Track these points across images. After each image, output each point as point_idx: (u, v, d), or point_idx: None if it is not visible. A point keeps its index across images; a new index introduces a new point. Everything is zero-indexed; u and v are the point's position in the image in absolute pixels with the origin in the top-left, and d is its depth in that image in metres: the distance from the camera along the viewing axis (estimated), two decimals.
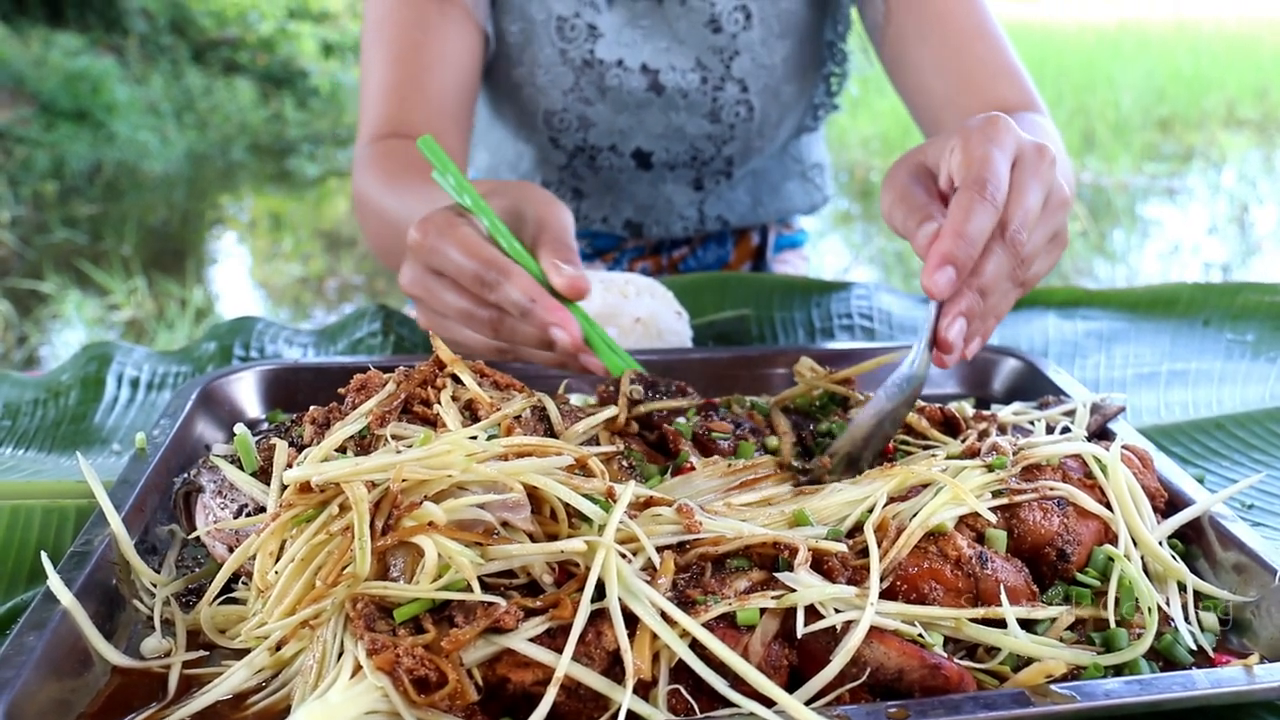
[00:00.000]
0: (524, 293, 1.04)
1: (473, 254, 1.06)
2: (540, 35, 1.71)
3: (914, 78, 1.65)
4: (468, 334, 1.12)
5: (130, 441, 1.27)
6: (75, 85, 10.66)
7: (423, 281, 1.11)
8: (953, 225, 0.93)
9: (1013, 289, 1.01)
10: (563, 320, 1.04)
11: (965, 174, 0.96)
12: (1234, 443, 1.23)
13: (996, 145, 0.97)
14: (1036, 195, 0.98)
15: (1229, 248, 7.19)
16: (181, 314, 5.37)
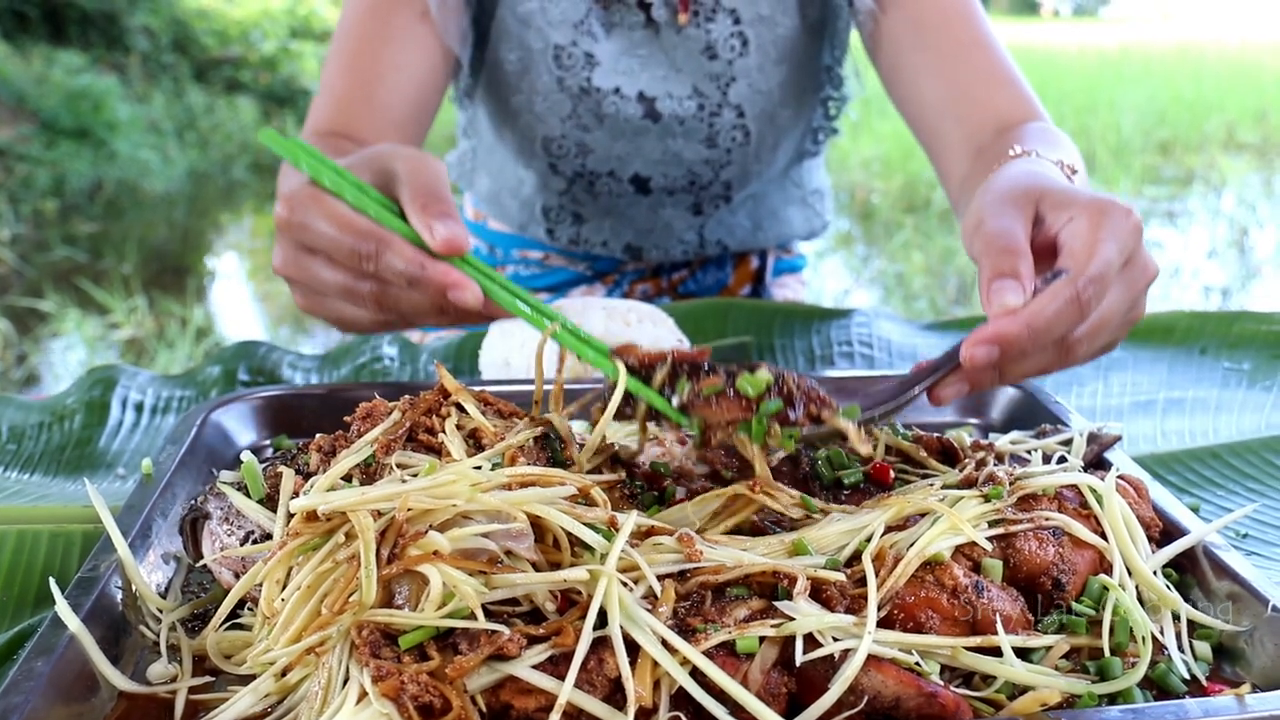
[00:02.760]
0: (408, 261, 0.98)
1: (345, 226, 0.99)
2: (538, 63, 1.73)
3: (911, 88, 1.65)
4: (350, 310, 1.06)
5: (134, 466, 1.29)
6: (77, 103, 10.69)
7: (296, 261, 1.04)
8: (1033, 315, 0.91)
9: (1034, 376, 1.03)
10: (459, 282, 0.97)
11: (1079, 263, 0.94)
12: (1229, 472, 1.24)
13: (1118, 245, 0.95)
14: (1120, 311, 0.98)
15: (1229, 271, 7.21)
16: (182, 333, 5.38)
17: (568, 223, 1.92)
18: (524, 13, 1.71)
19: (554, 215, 1.91)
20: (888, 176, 9.85)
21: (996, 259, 0.95)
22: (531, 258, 2.03)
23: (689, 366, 0.99)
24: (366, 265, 0.99)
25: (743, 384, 0.95)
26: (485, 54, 1.79)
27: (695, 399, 0.97)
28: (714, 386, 0.96)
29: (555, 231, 1.93)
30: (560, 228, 1.93)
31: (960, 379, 0.97)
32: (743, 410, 0.95)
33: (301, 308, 1.10)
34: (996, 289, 0.93)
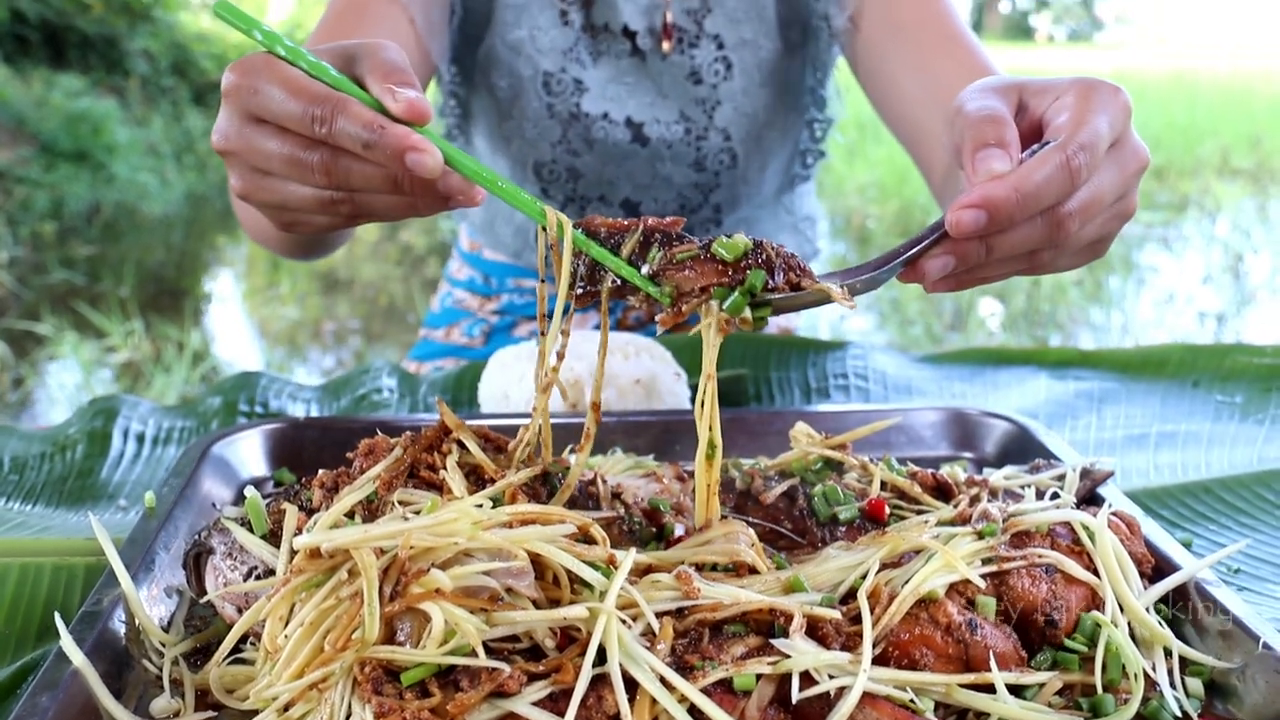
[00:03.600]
0: (365, 123, 0.88)
1: (299, 91, 0.90)
2: (528, 90, 1.75)
3: (891, 88, 1.68)
4: (293, 189, 0.96)
5: (135, 497, 1.29)
6: (76, 126, 10.71)
7: (240, 131, 0.94)
8: (1020, 178, 0.87)
9: (1021, 266, 0.97)
10: (418, 144, 0.88)
11: (1069, 132, 0.90)
12: (1221, 506, 1.25)
13: (1108, 118, 0.92)
14: (1111, 193, 0.94)
15: (1224, 297, 7.24)
16: (179, 357, 5.39)
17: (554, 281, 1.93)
18: (513, 40, 1.74)
19: None
20: (883, 202, 9.89)
21: (979, 129, 0.91)
22: (526, 286, 2.04)
23: (661, 235, 0.94)
24: (319, 128, 0.89)
25: (719, 248, 0.92)
26: (475, 81, 1.82)
27: (668, 265, 0.93)
28: (688, 251, 0.93)
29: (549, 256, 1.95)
30: (546, 269, 1.94)
31: (946, 250, 0.91)
32: (718, 275, 0.92)
33: (238, 192, 1.00)
34: (981, 157, 0.89)
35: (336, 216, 0.98)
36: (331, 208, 0.96)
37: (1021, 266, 0.96)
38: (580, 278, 0.95)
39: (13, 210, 9.23)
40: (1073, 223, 0.91)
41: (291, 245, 1.48)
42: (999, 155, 0.88)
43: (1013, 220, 0.87)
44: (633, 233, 0.94)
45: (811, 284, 0.92)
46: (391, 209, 0.97)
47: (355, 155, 0.91)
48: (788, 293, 0.92)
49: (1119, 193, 0.95)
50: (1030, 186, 0.86)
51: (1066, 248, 0.95)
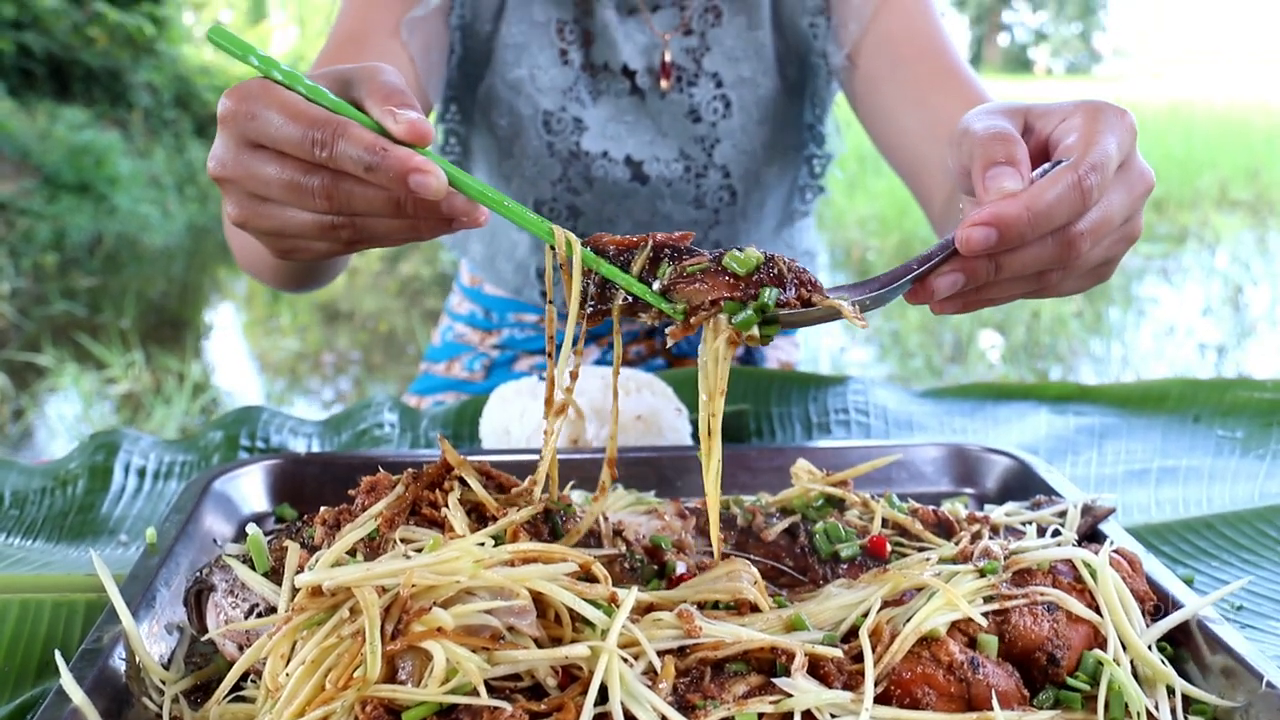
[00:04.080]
0: (367, 146, 0.87)
1: (298, 115, 0.89)
2: (528, 129, 1.76)
3: (890, 121, 1.68)
4: (291, 215, 0.94)
5: (136, 532, 1.29)
6: (79, 158, 10.76)
7: (237, 157, 0.93)
8: (1032, 197, 0.86)
9: (1030, 286, 0.96)
10: (422, 165, 0.87)
11: (1080, 153, 0.89)
12: (1223, 542, 1.25)
13: (1116, 139, 0.91)
14: (1120, 214, 0.94)
15: (1224, 329, 7.24)
16: (179, 389, 5.39)
17: (561, 299, 1.93)
18: (513, 80, 1.75)
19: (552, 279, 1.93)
20: (883, 234, 9.92)
21: (990, 148, 0.90)
22: (527, 320, 2.05)
23: (670, 250, 0.93)
24: (320, 151, 0.88)
25: (730, 261, 0.91)
26: (475, 119, 1.83)
27: (679, 278, 0.91)
28: (699, 264, 0.92)
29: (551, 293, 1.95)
30: (556, 289, 1.94)
31: (955, 268, 0.90)
32: (730, 288, 0.91)
33: (235, 219, 0.97)
34: (993, 174, 0.88)
35: (336, 242, 0.96)
36: (331, 233, 0.94)
37: (1030, 287, 0.96)
38: (590, 296, 0.95)
39: (15, 242, 9.26)
40: (1084, 243, 0.91)
41: (285, 276, 1.46)
42: (1010, 173, 0.88)
43: (1024, 239, 0.87)
44: (642, 249, 0.94)
45: (822, 300, 0.91)
46: (392, 232, 0.95)
47: (357, 179, 0.89)
48: (798, 308, 0.91)
49: (1127, 214, 0.95)
50: (1042, 205, 0.86)
51: (1075, 269, 0.95)
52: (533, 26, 1.74)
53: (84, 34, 12.95)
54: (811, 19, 1.74)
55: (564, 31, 1.75)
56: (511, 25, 1.74)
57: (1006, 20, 53.47)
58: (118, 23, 13.27)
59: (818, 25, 1.74)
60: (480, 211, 0.93)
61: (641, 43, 1.75)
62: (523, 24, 1.74)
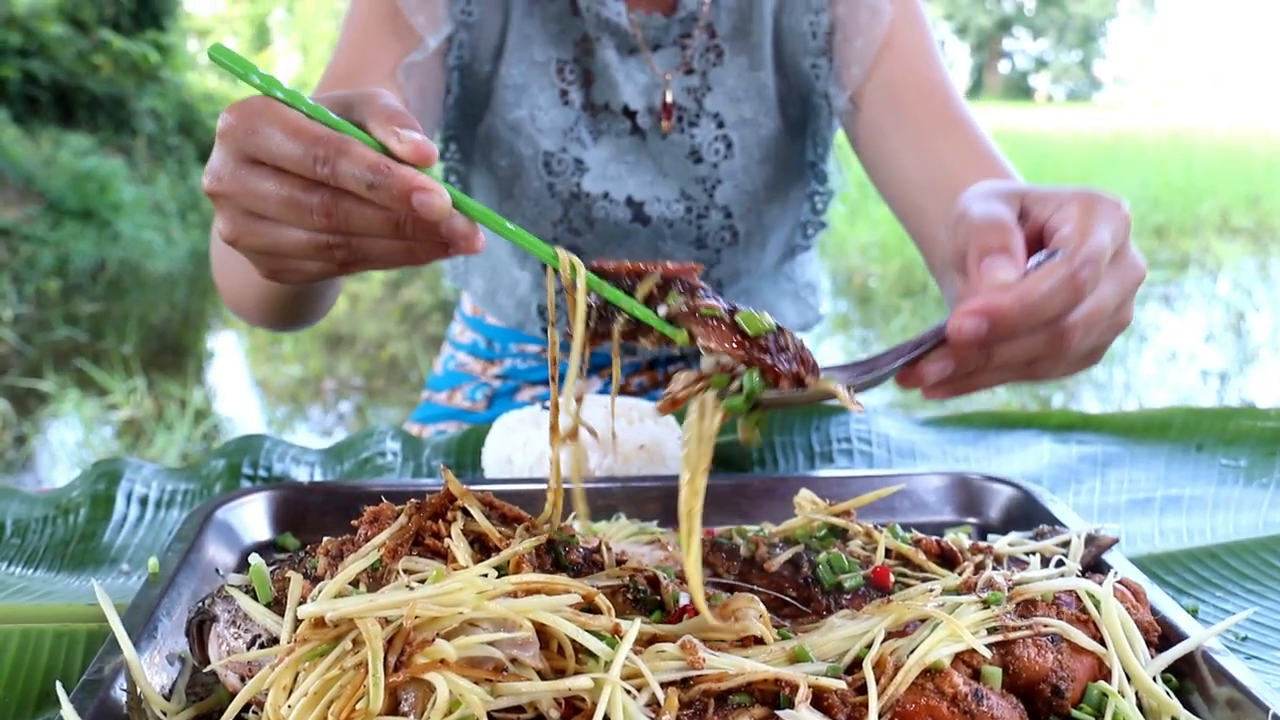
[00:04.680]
0: (369, 164, 0.86)
1: (299, 132, 0.88)
2: (528, 170, 1.76)
3: (892, 169, 1.67)
4: (286, 233, 0.92)
5: (138, 561, 1.29)
6: (83, 184, 10.80)
7: (234, 173, 0.91)
8: (1026, 290, 0.86)
9: (1019, 374, 0.96)
10: (426, 184, 0.86)
11: (1074, 245, 0.89)
12: (1228, 572, 1.25)
13: (1111, 231, 0.91)
14: (1112, 305, 0.94)
15: (1226, 356, 7.25)
16: (181, 415, 5.39)
17: (563, 322, 1.93)
18: (514, 120, 1.75)
19: None
20: (885, 261, 9.94)
21: (986, 235, 0.90)
22: (529, 351, 2.05)
23: (680, 282, 0.92)
24: (321, 168, 0.87)
25: (745, 318, 0.90)
26: (474, 159, 1.83)
27: (689, 313, 0.90)
28: (713, 310, 0.90)
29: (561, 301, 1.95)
30: (558, 326, 1.95)
31: (946, 356, 0.90)
32: (729, 341, 0.89)
33: (226, 236, 0.96)
34: (988, 264, 0.88)
35: (330, 262, 0.94)
36: (326, 252, 0.93)
37: (1020, 375, 0.96)
38: (591, 318, 0.94)
39: (18, 268, 9.29)
40: (1076, 334, 0.91)
41: (270, 310, 1.44)
42: (1005, 263, 0.88)
43: (1015, 331, 0.87)
44: (650, 275, 0.92)
45: (815, 382, 0.90)
46: (388, 254, 0.94)
47: (357, 198, 0.88)
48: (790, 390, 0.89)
49: (1118, 303, 0.95)
50: (1035, 298, 0.86)
51: (1065, 358, 0.95)
52: (532, 67, 1.75)
53: (89, 61, 13.03)
54: (814, 60, 1.74)
55: (564, 71, 1.75)
56: (511, 66, 1.74)
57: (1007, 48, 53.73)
58: (122, 50, 13.35)
59: (820, 66, 1.74)
60: (479, 236, 0.92)
61: (642, 83, 1.75)
62: (522, 64, 1.74)
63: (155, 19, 14.23)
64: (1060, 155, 17.53)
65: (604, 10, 1.70)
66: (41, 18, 12.79)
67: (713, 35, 1.76)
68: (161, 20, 14.34)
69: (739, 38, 1.76)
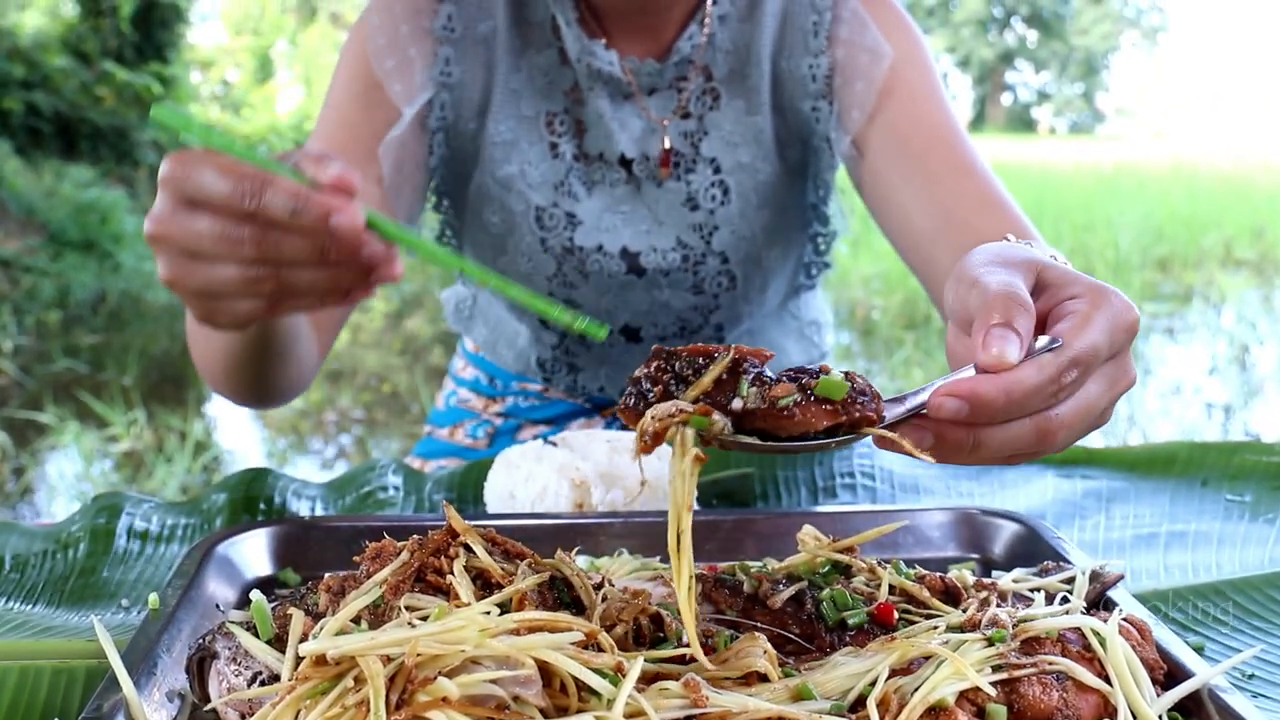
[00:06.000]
0: (290, 193, 0.93)
1: (229, 171, 0.94)
2: (520, 225, 1.74)
3: (900, 220, 1.64)
4: (218, 271, 0.97)
5: (137, 596, 1.29)
6: (84, 216, 10.84)
7: (173, 215, 0.98)
8: (1011, 382, 0.86)
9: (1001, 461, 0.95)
10: (341, 205, 0.92)
11: (1068, 343, 0.89)
12: (1233, 609, 1.24)
13: (1109, 336, 0.92)
14: (1099, 406, 0.94)
15: (1231, 389, 7.24)
16: (181, 447, 5.39)
17: (563, 372, 1.93)
18: (504, 177, 1.72)
19: (549, 366, 1.93)
20: (888, 293, 9.95)
21: (1001, 307, 0.89)
22: (531, 390, 2.05)
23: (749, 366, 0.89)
24: (248, 201, 0.93)
25: (823, 388, 0.87)
26: (466, 217, 1.82)
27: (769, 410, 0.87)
28: (789, 393, 0.87)
29: (552, 380, 1.96)
30: (556, 377, 1.95)
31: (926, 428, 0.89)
32: (831, 416, 0.87)
33: (166, 278, 1.02)
34: (996, 336, 0.88)
35: (259, 298, 0.99)
36: (256, 286, 0.98)
37: (997, 463, 0.95)
38: None
39: (19, 299, 9.31)
40: (1061, 434, 0.91)
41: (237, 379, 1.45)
42: (1013, 341, 0.87)
43: (994, 420, 0.88)
44: (721, 358, 0.89)
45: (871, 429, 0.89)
46: (315, 284, 0.98)
47: (284, 227, 0.94)
48: None
49: (1104, 406, 0.96)
50: (1019, 393, 0.86)
51: (1045, 453, 0.95)
52: (521, 121, 1.72)
53: (92, 93, 13.10)
54: (814, 103, 1.71)
55: (554, 124, 1.73)
56: (500, 122, 1.72)
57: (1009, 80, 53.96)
58: (125, 82, 13.43)
59: (820, 109, 1.71)
60: (397, 263, 0.98)
61: (638, 129, 1.73)
62: (510, 120, 1.72)
63: (159, 51, 14.33)
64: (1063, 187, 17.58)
65: (595, 60, 1.67)
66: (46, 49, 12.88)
67: (709, 78, 1.73)
68: (165, 52, 14.44)
69: (736, 81, 1.73)
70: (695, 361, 0.89)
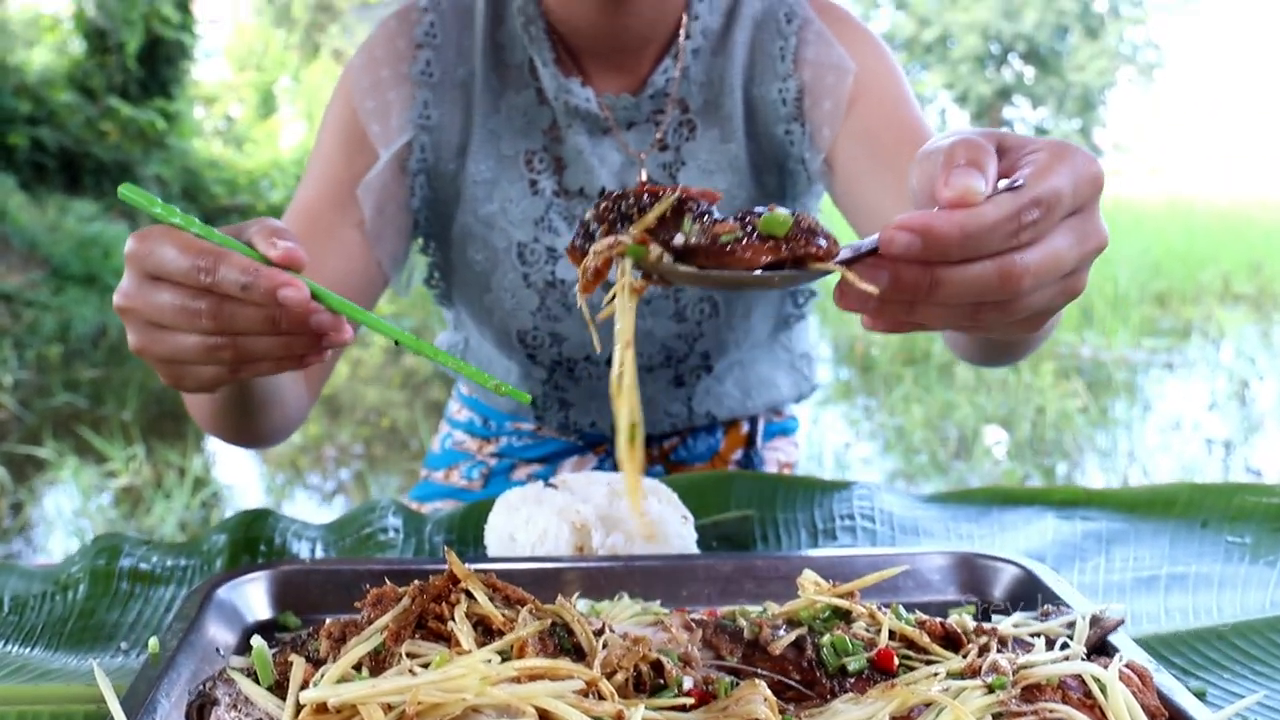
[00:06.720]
0: (241, 269, 1.01)
1: (188, 247, 1.03)
2: (504, 262, 1.76)
3: (872, 218, 1.64)
4: (180, 340, 1.07)
5: (136, 640, 1.28)
6: (87, 250, 10.87)
7: (138, 289, 1.07)
8: (967, 216, 0.83)
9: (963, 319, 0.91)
10: (287, 280, 1.01)
11: (1028, 184, 0.86)
12: (1235, 653, 1.24)
13: (1072, 182, 0.88)
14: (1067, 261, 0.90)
15: (1231, 424, 7.24)
16: (180, 483, 5.38)
17: (555, 409, 1.94)
18: (486, 215, 1.75)
19: (540, 403, 1.94)
20: None
21: (964, 150, 0.87)
22: (524, 429, 2.05)
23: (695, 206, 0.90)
24: (204, 277, 1.01)
25: (766, 223, 0.86)
26: (452, 257, 1.83)
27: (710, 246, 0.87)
28: (731, 232, 0.87)
29: (544, 418, 1.96)
30: (549, 414, 1.95)
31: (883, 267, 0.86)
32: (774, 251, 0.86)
33: (135, 347, 1.11)
34: (959, 172, 0.85)
35: (220, 364, 1.08)
36: (215, 353, 1.06)
37: (964, 319, 0.92)
38: None
39: (20, 333, 9.32)
40: (1025, 280, 0.87)
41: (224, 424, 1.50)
42: (978, 177, 0.85)
43: (948, 256, 0.84)
44: (665, 198, 0.90)
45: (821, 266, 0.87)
46: (270, 350, 1.07)
47: (237, 300, 1.02)
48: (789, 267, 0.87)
49: (1073, 264, 0.91)
50: (974, 226, 0.83)
51: (1013, 309, 0.91)
52: (500, 161, 1.75)
53: (96, 128, 13.18)
54: (786, 126, 1.74)
55: (533, 161, 1.75)
56: (479, 162, 1.74)
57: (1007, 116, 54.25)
58: (130, 117, 13.50)
59: (793, 132, 1.73)
60: (345, 328, 1.06)
61: (616, 164, 1.75)
62: (490, 160, 1.75)
63: (163, 87, 14.42)
64: None
65: (572, 98, 1.70)
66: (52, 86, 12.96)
67: (685, 110, 1.76)
68: (169, 88, 14.53)
69: (710, 111, 1.76)
70: (641, 200, 0.90)
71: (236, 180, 15.12)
